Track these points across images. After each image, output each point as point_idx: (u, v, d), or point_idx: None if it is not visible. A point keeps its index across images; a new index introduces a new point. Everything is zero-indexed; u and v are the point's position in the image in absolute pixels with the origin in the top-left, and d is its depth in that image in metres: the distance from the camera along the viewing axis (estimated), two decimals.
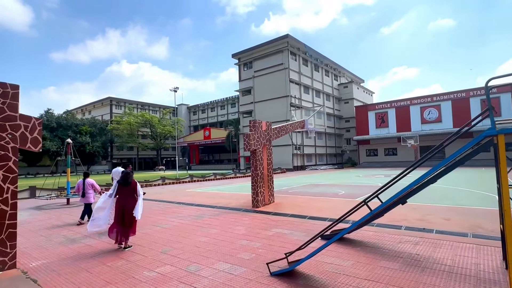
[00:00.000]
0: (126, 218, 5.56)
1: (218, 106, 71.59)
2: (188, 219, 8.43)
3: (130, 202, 5.62)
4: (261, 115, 43.02)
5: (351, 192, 13.40)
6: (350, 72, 57.92)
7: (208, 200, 12.19)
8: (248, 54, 45.49)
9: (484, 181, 17.13)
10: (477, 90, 37.92)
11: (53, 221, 8.79)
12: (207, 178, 25.43)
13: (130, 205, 5.59)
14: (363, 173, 27.57)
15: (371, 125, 45.64)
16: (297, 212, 8.83)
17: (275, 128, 11.08)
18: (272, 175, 10.77)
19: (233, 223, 7.71)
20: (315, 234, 6.36)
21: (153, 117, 62.05)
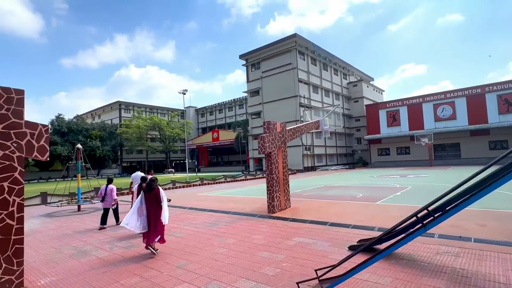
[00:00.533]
0: (151, 223, 5.70)
1: (226, 108, 71.40)
2: (202, 226, 8.05)
3: (154, 208, 5.74)
4: (270, 116, 42.54)
5: (369, 194, 12.83)
6: (359, 70, 57.00)
7: (221, 205, 11.80)
8: (255, 55, 45.11)
9: None
10: (493, 86, 36.65)
11: (64, 230, 8.52)
12: (218, 181, 25.10)
13: (154, 211, 5.72)
14: (377, 173, 26.83)
15: (382, 123, 44.69)
16: (316, 218, 8.35)
17: (289, 129, 10.63)
18: (288, 178, 10.32)
19: (250, 231, 7.29)
20: (340, 243, 5.90)
21: (162, 120, 62.21)
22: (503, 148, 36.27)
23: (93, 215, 11.04)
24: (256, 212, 9.69)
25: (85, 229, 8.47)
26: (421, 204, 9.80)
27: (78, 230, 8.38)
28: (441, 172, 24.87)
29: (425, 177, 20.87)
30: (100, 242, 6.93)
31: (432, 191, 12.96)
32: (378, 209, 9.20)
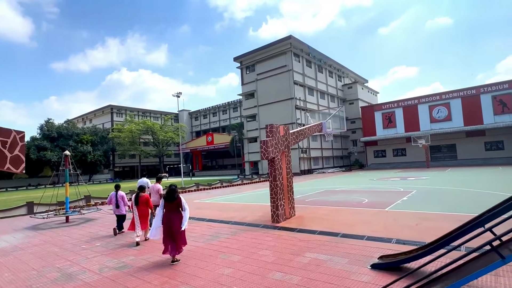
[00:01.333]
0: (173, 233, 5.67)
1: (220, 111, 70.65)
2: (201, 240, 7.35)
3: (176, 217, 5.77)
4: (266, 119, 42.00)
5: (375, 199, 12.28)
6: (353, 72, 56.96)
7: (220, 213, 11.11)
8: (250, 57, 44.59)
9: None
10: (487, 87, 36.77)
11: (49, 246, 7.73)
12: (214, 186, 24.35)
13: (176, 220, 5.74)
14: (376, 176, 26.42)
15: (378, 125, 44.54)
16: (326, 228, 7.74)
17: (293, 132, 10.03)
18: (292, 185, 9.70)
19: (256, 245, 6.63)
20: (360, 260, 5.26)
21: (155, 124, 61.13)
22: (498, 149, 36.37)
23: (83, 227, 10.24)
24: (259, 222, 9.03)
25: (73, 245, 7.70)
26: (433, 210, 9.30)
27: (65, 247, 7.60)
28: (440, 174, 24.58)
29: (426, 179, 20.49)
30: (89, 261, 6.18)
31: (440, 195, 12.49)
32: (389, 217, 8.62)
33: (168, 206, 5.80)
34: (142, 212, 7.62)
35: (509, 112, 35.08)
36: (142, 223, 7.55)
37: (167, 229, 5.71)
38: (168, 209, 5.79)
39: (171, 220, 5.71)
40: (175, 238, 5.68)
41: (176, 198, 5.80)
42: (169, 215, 5.76)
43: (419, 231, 6.90)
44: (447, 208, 9.46)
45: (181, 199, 5.88)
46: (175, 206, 5.80)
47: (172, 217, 5.74)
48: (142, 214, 7.61)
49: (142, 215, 7.60)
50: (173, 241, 5.70)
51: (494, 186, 14.52)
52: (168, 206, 5.79)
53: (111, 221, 11.15)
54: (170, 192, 5.82)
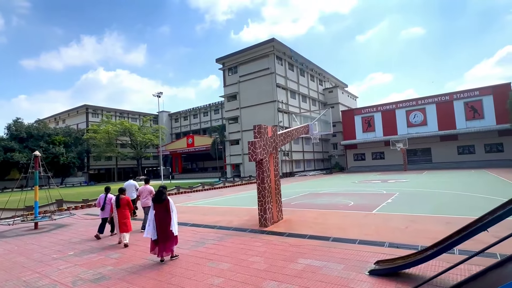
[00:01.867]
0: (163, 233, 5.74)
1: (200, 113, 69.60)
2: (187, 246, 6.89)
3: (165, 218, 5.82)
4: (248, 121, 41.75)
5: (360, 202, 12.26)
6: (334, 77, 57.99)
7: (204, 217, 10.63)
8: (233, 59, 44.26)
9: (494, 185, 16.53)
10: (460, 93, 38.51)
11: (15, 256, 6.98)
12: (195, 189, 23.69)
13: (166, 221, 5.80)
14: (357, 179, 26.78)
15: (358, 129, 45.47)
16: (316, 232, 7.51)
17: (281, 134, 9.79)
18: (280, 187, 9.43)
19: (245, 251, 6.27)
20: (356, 266, 5.03)
21: (133, 125, 59.20)
22: (470, 153, 38.10)
23: (54, 234, 9.44)
24: (246, 226, 8.67)
25: (42, 254, 7.00)
26: (419, 212, 9.28)
27: (33, 256, 6.88)
28: (418, 177, 25.27)
29: (406, 182, 20.94)
30: (61, 273, 5.58)
31: (422, 197, 12.69)
32: (378, 220, 8.54)
33: (156, 207, 5.86)
34: (123, 215, 7.49)
35: (479, 118, 36.87)
36: (123, 226, 7.41)
37: (160, 230, 5.76)
38: (157, 211, 5.84)
39: (161, 221, 5.78)
40: (165, 239, 5.75)
41: (164, 199, 5.86)
42: (159, 216, 5.82)
43: (410, 234, 6.82)
44: (433, 210, 9.54)
45: (169, 200, 5.95)
46: (163, 207, 5.86)
47: (161, 218, 5.80)
48: (123, 217, 7.46)
49: (123, 218, 7.46)
50: (163, 242, 5.74)
51: (472, 188, 14.98)
52: (157, 208, 5.86)
53: (85, 226, 10.40)
54: (158, 194, 5.91)
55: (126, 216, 7.56)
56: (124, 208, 7.54)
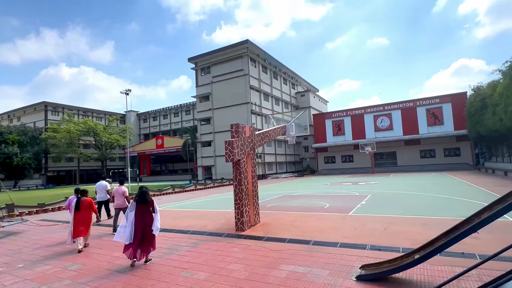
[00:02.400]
0: (144, 236, 5.53)
1: (171, 113, 67.54)
2: (157, 254, 6.28)
3: (149, 220, 5.66)
4: (220, 123, 41.12)
5: (336, 204, 12.26)
6: (306, 81, 59.06)
7: (176, 222, 9.98)
8: (206, 59, 43.42)
9: (456, 187, 17.40)
10: (422, 100, 40.78)
11: None
12: (165, 192, 22.66)
13: (150, 223, 5.63)
14: (328, 181, 27.21)
15: (329, 133, 46.51)
16: (295, 235, 7.25)
17: (258, 134, 9.48)
18: (257, 190, 9.09)
19: (223, 258, 5.82)
20: (341, 271, 4.79)
21: (98, 125, 55.90)
22: (431, 156, 40.43)
23: (1, 244, 8.31)
24: (222, 231, 8.21)
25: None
26: (395, 213, 9.32)
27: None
28: (385, 179, 26.19)
29: (375, 184, 21.54)
30: None
31: (394, 199, 12.98)
32: (356, 222, 8.48)
33: (140, 208, 5.65)
34: (85, 217, 7.16)
35: (439, 124, 39.26)
36: (81, 230, 7.01)
37: (141, 232, 5.52)
38: (140, 212, 5.62)
39: (144, 223, 5.58)
40: (146, 242, 5.57)
41: (149, 200, 5.74)
42: (142, 218, 5.60)
43: (389, 235, 6.77)
44: (407, 212, 9.70)
45: (154, 202, 5.81)
46: (148, 209, 5.70)
47: (145, 220, 5.61)
48: (84, 219, 7.13)
49: (84, 221, 7.12)
50: (143, 245, 5.56)
51: (438, 190, 15.66)
52: (140, 209, 5.64)
53: (40, 234, 9.33)
54: (142, 194, 5.73)
55: (88, 219, 7.26)
56: (86, 210, 7.18)
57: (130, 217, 5.58)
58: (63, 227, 10.25)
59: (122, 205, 8.49)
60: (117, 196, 8.61)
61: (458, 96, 38.18)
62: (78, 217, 6.98)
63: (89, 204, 7.28)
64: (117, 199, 8.59)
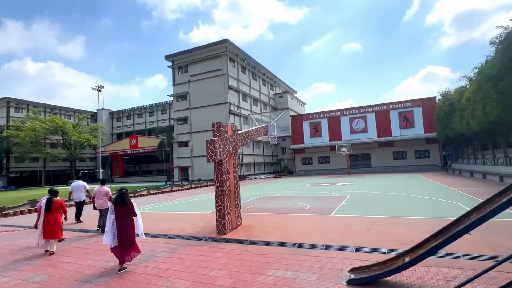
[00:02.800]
0: (124, 239, 5.31)
1: (146, 112, 65.41)
2: (133, 262, 5.81)
3: (128, 223, 5.44)
4: (198, 122, 40.39)
5: (316, 205, 12.23)
6: (284, 82, 59.50)
7: (153, 225, 9.44)
8: (183, 57, 42.47)
9: (429, 187, 18.03)
10: (395, 104, 42.35)
11: None
12: (140, 194, 21.73)
13: (129, 226, 5.42)
14: (306, 182, 27.41)
15: (306, 134, 47.04)
16: (279, 238, 7.04)
17: (241, 133, 9.20)
18: (239, 191, 8.79)
19: (205, 264, 5.48)
20: (330, 275, 4.61)
21: (66, 123, 52.89)
22: (403, 158, 42.06)
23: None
24: (202, 234, 7.83)
25: None
26: (376, 214, 9.36)
27: None
28: (361, 180, 26.80)
29: (352, 184, 21.93)
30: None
31: (373, 199, 13.19)
32: (339, 223, 8.42)
33: (118, 211, 5.39)
34: (54, 219, 6.82)
35: (411, 127, 40.94)
36: (52, 232, 6.74)
37: (119, 235, 5.31)
38: (119, 215, 5.38)
39: (123, 226, 5.35)
40: (126, 245, 5.34)
41: (128, 202, 5.48)
42: (121, 221, 5.37)
43: (373, 237, 6.73)
44: (388, 212, 9.81)
45: (133, 203, 5.55)
46: (126, 211, 5.45)
47: (124, 223, 5.38)
48: (54, 221, 6.79)
49: (54, 223, 6.79)
50: (124, 249, 5.33)
51: (413, 190, 16.15)
52: (119, 211, 5.39)
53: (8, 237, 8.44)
54: (121, 196, 5.47)
55: (58, 221, 6.91)
56: (56, 212, 6.88)
57: (111, 219, 5.37)
58: (25, 233, 9.39)
59: (103, 205, 8.47)
60: (99, 197, 8.53)
61: (428, 101, 40.02)
62: (48, 219, 6.73)
63: (60, 205, 7.02)
64: (99, 200, 8.51)
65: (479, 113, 18.79)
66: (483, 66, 16.58)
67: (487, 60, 16.12)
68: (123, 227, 5.35)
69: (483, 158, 26.70)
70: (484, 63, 16.54)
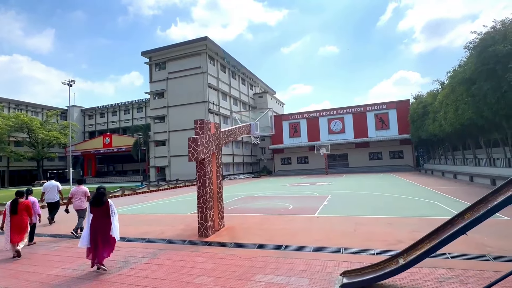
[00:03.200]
0: (99, 240, 5.16)
1: (121, 110, 63.01)
2: (109, 269, 5.33)
3: (104, 223, 5.25)
4: (176, 121, 39.39)
5: (299, 205, 12.11)
6: (263, 82, 59.49)
7: (128, 228, 8.85)
8: (161, 54, 41.25)
9: (405, 186, 18.48)
10: (372, 106, 43.50)
11: None
12: (114, 195, 20.69)
13: (105, 226, 5.24)
14: (286, 182, 27.42)
15: (285, 134, 47.23)
16: (265, 240, 6.78)
17: (224, 131, 8.84)
18: (222, 191, 8.44)
19: (188, 270, 5.10)
20: (322, 280, 4.40)
21: (33, 120, 49.69)
22: (378, 158, 43.30)
23: None
24: (183, 238, 7.41)
25: None
26: (359, 214, 9.32)
27: None
28: (340, 179, 27.20)
29: (332, 184, 22.15)
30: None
31: (354, 199, 13.29)
32: (324, 223, 8.30)
33: (95, 211, 5.27)
34: (20, 221, 6.47)
35: (386, 128, 42.21)
36: (19, 234, 6.41)
37: (93, 236, 5.15)
38: (95, 215, 5.25)
39: (99, 227, 5.20)
40: (100, 246, 5.15)
41: (104, 202, 5.32)
42: (97, 221, 5.23)
43: (360, 237, 6.64)
44: (371, 212, 9.82)
45: (110, 203, 5.38)
46: (103, 211, 5.28)
47: (100, 223, 5.22)
48: (19, 223, 6.44)
49: (19, 225, 6.44)
50: (102, 248, 5.18)
51: (391, 190, 16.50)
52: (95, 212, 5.27)
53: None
54: (98, 196, 5.33)
55: (24, 223, 6.56)
56: (21, 214, 6.51)
57: (88, 220, 5.27)
58: None
59: (81, 206, 8.27)
60: (77, 197, 8.30)
61: (402, 103, 41.45)
62: (14, 221, 6.41)
63: (25, 207, 6.64)
64: (77, 200, 8.28)
65: (452, 115, 19.58)
66: (457, 70, 17.27)
67: (460, 65, 16.81)
68: (99, 228, 5.19)
69: (453, 159, 27.97)
70: (458, 67, 17.24)
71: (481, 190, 14.61)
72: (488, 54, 12.73)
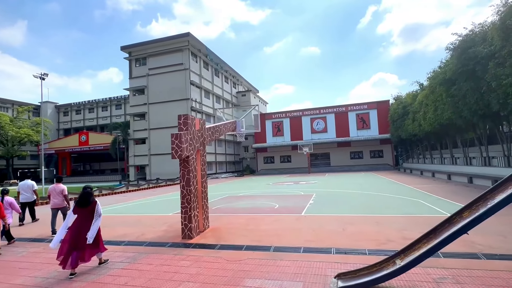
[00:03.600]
0: (81, 243, 4.84)
1: (98, 107, 60.66)
2: (83, 276, 4.86)
3: (89, 225, 4.98)
4: (157, 119, 38.33)
5: (285, 204, 11.91)
6: (247, 81, 59.13)
7: (106, 230, 8.20)
8: (141, 49, 39.96)
9: (387, 185, 18.73)
10: (353, 106, 44.21)
11: None
12: None
13: (88, 228, 4.95)
14: (270, 181, 27.26)
15: (268, 133, 47.14)
16: (252, 241, 6.50)
17: (209, 128, 8.46)
18: (207, 191, 8.06)
19: (171, 276, 4.72)
20: (316, 283, 4.18)
21: (2, 116, 46.87)
22: (359, 158, 44.08)
23: None
24: (165, 240, 6.99)
25: None
26: (347, 213, 9.24)
27: None
28: (323, 178, 27.36)
29: (315, 183, 22.19)
30: None
31: (340, 198, 13.25)
32: (312, 223, 8.11)
33: (80, 212, 5.05)
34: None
35: (367, 128, 43.04)
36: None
37: (76, 238, 4.86)
38: (80, 216, 5.03)
39: (83, 229, 4.93)
40: (85, 247, 4.88)
41: (91, 202, 5.11)
42: (81, 222, 4.98)
43: (350, 237, 6.49)
44: (357, 211, 9.76)
45: (97, 203, 5.15)
46: (88, 212, 5.06)
47: (84, 225, 4.97)
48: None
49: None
50: (80, 251, 4.85)
51: (374, 188, 16.67)
52: (81, 212, 5.04)
53: None
54: (84, 196, 5.09)
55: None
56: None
57: (69, 220, 5.12)
58: None
59: (60, 204, 8.04)
60: (54, 195, 8.03)
61: (382, 104, 42.40)
62: None
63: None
64: (54, 199, 8.02)
65: (431, 115, 20.08)
66: (437, 71, 17.69)
67: (441, 66, 17.22)
68: (83, 230, 4.93)
69: (431, 158, 28.84)
70: (438, 69, 17.66)
71: (459, 188, 15.03)
72: (469, 56, 13.04)
